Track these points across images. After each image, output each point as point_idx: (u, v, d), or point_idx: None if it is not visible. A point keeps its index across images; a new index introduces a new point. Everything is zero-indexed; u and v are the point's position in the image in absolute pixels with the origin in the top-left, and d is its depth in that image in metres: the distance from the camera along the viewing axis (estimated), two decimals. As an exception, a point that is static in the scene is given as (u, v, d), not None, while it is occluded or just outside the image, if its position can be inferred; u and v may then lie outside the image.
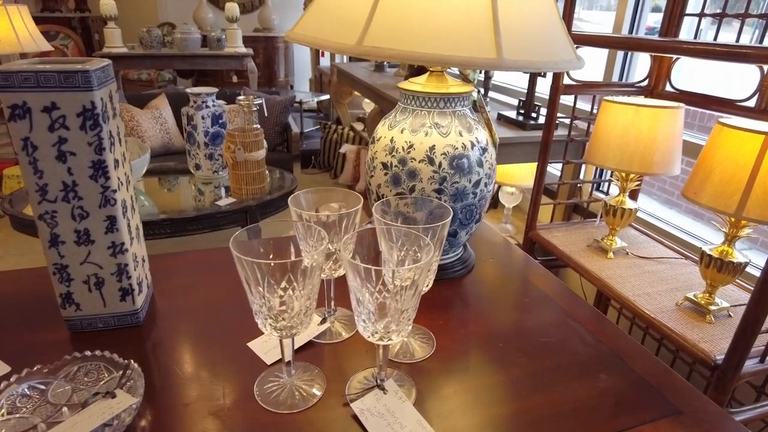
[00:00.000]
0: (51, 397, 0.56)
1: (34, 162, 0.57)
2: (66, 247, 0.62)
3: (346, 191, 0.66)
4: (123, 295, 0.66)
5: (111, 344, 0.62)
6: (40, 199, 0.59)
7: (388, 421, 0.54)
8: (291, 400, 0.56)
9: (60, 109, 0.55)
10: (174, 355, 0.64)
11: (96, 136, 0.57)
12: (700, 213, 2.91)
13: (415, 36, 0.59)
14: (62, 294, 0.64)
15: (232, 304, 0.74)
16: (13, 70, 0.54)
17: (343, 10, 0.63)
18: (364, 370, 0.62)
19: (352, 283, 0.51)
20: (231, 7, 3.45)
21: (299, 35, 0.68)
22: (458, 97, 0.75)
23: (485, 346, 0.68)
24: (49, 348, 0.65)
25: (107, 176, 0.59)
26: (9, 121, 0.55)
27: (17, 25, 2.69)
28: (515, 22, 0.61)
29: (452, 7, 0.60)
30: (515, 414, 0.56)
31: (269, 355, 0.63)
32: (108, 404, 0.53)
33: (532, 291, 0.82)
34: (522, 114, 1.98)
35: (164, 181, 2.60)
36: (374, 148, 0.77)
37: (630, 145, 1.33)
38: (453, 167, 0.72)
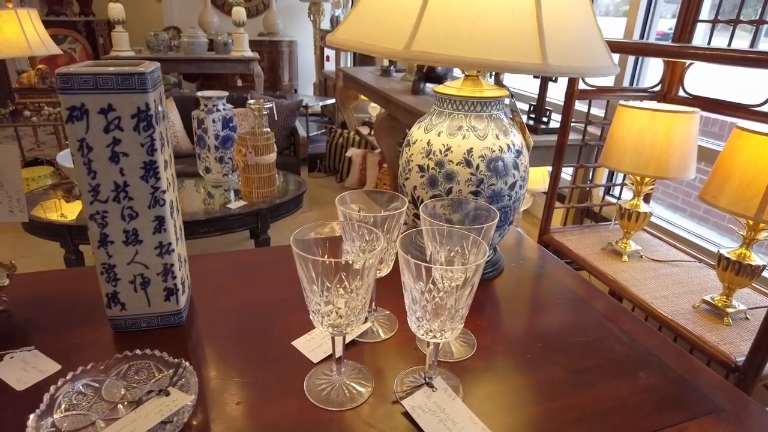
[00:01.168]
0: (105, 395, 0.57)
1: (88, 163, 0.58)
2: (114, 247, 0.62)
3: (392, 193, 0.67)
4: (167, 294, 0.67)
5: (154, 344, 0.63)
6: (92, 199, 0.60)
7: (440, 418, 0.54)
8: (341, 397, 0.57)
9: (116, 110, 0.56)
10: (219, 354, 0.65)
11: (148, 137, 0.58)
12: (705, 217, 2.93)
13: (462, 41, 0.60)
14: (108, 294, 0.65)
15: (270, 305, 0.75)
16: (73, 73, 0.55)
17: (389, 16, 0.64)
18: (408, 368, 0.63)
19: (407, 281, 0.52)
20: (238, 11, 3.47)
21: (342, 40, 0.69)
22: (493, 101, 0.76)
23: (524, 345, 0.69)
24: (94, 347, 0.66)
25: (158, 177, 0.60)
26: (67, 122, 0.56)
27: (27, 29, 2.70)
28: (558, 28, 0.62)
29: (498, 13, 0.61)
30: (562, 411, 0.57)
31: (314, 353, 0.64)
32: (163, 402, 0.54)
33: (563, 292, 0.83)
34: (533, 118, 1.99)
35: (180, 184, 2.61)
36: (410, 151, 0.78)
37: (646, 149, 1.35)
38: (490, 170, 0.73)
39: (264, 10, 5.02)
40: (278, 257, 0.91)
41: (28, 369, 0.61)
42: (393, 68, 3.24)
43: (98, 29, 4.91)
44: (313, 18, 4.48)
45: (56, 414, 0.53)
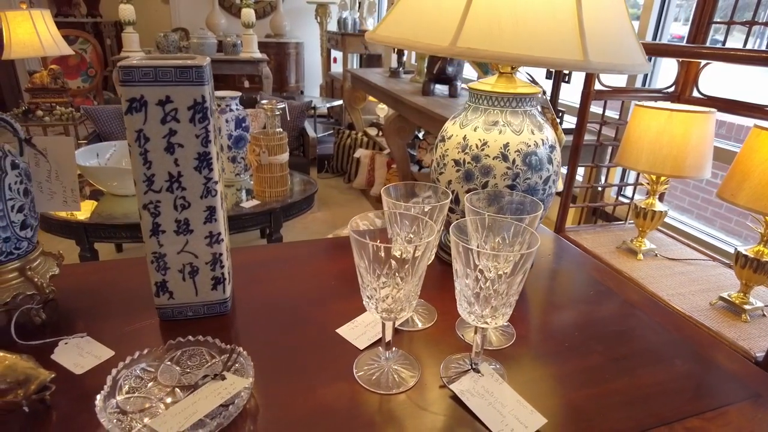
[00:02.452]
0: (161, 379, 0.58)
1: (144, 153, 0.60)
2: (165, 237, 0.64)
3: (433, 185, 0.68)
4: (215, 284, 0.68)
5: (200, 332, 0.64)
6: (146, 189, 0.61)
7: (489, 401, 0.56)
8: (391, 381, 0.59)
9: (173, 102, 0.58)
10: (266, 341, 0.66)
11: (203, 129, 0.60)
12: (711, 219, 2.96)
13: (506, 38, 0.62)
14: (158, 282, 0.67)
15: (310, 295, 0.77)
16: (134, 66, 0.56)
17: (433, 13, 0.66)
18: (451, 355, 0.64)
19: (459, 267, 0.54)
20: (247, 12, 3.49)
21: (384, 37, 0.71)
22: (527, 97, 0.78)
23: (561, 334, 0.71)
24: (142, 335, 0.67)
25: (211, 168, 0.62)
26: (126, 113, 0.58)
27: (40, 30, 2.72)
28: (598, 25, 0.64)
29: (540, 10, 0.63)
30: (604, 395, 0.59)
31: (359, 340, 0.66)
32: (220, 386, 0.55)
33: (594, 284, 0.85)
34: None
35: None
36: (444, 146, 0.80)
37: (663, 148, 1.37)
38: (526, 164, 0.75)
39: (271, 11, 5.05)
40: (308, 251, 0.93)
41: (84, 354, 0.63)
42: (401, 70, 3.27)
43: (106, 31, 4.93)
44: (320, 20, 4.51)
45: (118, 396, 0.54)
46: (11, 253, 0.64)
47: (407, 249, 0.51)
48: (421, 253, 0.52)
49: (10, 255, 0.64)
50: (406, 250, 0.52)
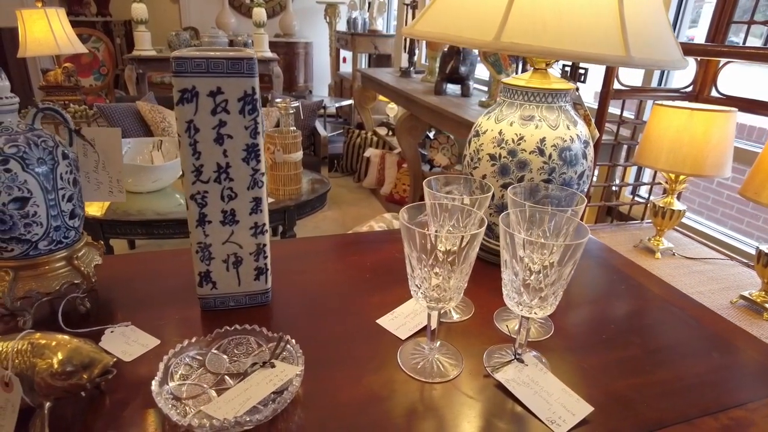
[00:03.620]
0: (209, 367, 0.59)
1: (194, 144, 0.61)
2: (211, 227, 0.65)
3: (470, 178, 0.69)
4: (257, 274, 0.69)
5: (242, 322, 0.65)
6: (194, 179, 0.62)
7: (534, 390, 0.57)
8: (436, 369, 0.60)
9: (224, 93, 0.59)
10: (309, 330, 0.67)
11: (252, 121, 0.61)
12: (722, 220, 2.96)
13: (550, 33, 0.63)
14: (201, 272, 0.67)
15: (346, 287, 0.78)
16: (187, 57, 0.57)
17: (475, 8, 0.67)
18: (493, 345, 0.65)
19: (506, 257, 0.55)
20: (258, 12, 3.51)
21: (425, 32, 0.72)
22: (561, 93, 0.79)
23: (598, 327, 0.71)
24: (185, 324, 0.68)
25: (258, 159, 0.63)
26: (177, 104, 0.59)
27: (55, 28, 2.74)
28: (639, 21, 0.65)
29: (583, 6, 0.64)
30: (645, 386, 0.60)
31: (400, 331, 0.67)
32: (271, 373, 0.56)
33: (624, 279, 0.86)
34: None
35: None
36: (479, 141, 0.81)
37: (683, 147, 1.38)
38: (562, 159, 0.76)
39: (281, 11, 5.07)
40: (337, 244, 0.94)
41: (130, 342, 0.64)
42: (412, 69, 3.28)
43: (115, 30, 4.96)
44: (329, 20, 4.52)
45: (171, 383, 0.55)
46: (60, 242, 0.65)
47: (456, 240, 0.52)
48: (472, 243, 0.53)
49: (59, 244, 0.65)
50: (455, 241, 0.52)
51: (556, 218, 0.62)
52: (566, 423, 0.53)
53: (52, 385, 0.47)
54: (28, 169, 0.59)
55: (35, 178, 0.60)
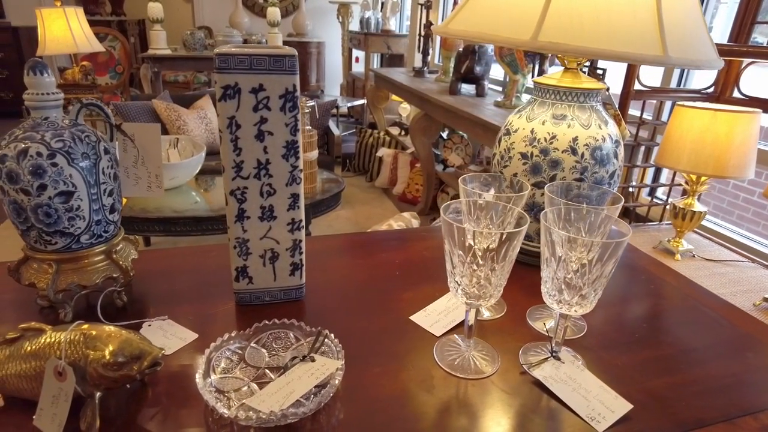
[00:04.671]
0: (249, 361, 0.60)
1: (235, 140, 0.61)
2: (250, 222, 0.66)
3: (500, 175, 0.69)
4: (293, 269, 0.70)
5: (276, 316, 0.65)
6: (234, 175, 0.63)
7: (573, 387, 0.57)
8: (473, 366, 0.60)
9: (266, 90, 0.60)
10: (343, 325, 0.68)
11: (293, 118, 0.62)
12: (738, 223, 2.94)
13: (587, 33, 0.63)
14: (238, 267, 0.68)
15: (377, 283, 0.78)
16: (230, 53, 0.58)
17: (512, 7, 0.67)
18: (528, 343, 0.65)
19: (547, 255, 0.55)
20: (273, 11, 3.53)
21: (459, 31, 0.72)
22: (592, 92, 0.79)
23: (629, 326, 0.72)
24: (221, 319, 0.69)
25: (297, 156, 0.64)
26: (220, 100, 0.60)
27: (74, 27, 2.77)
28: (676, 21, 0.65)
29: (621, 5, 0.64)
30: (681, 385, 0.60)
31: (434, 327, 0.67)
32: (312, 367, 0.57)
33: (652, 279, 0.86)
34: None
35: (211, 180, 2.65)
36: (510, 139, 0.81)
37: (706, 148, 1.37)
38: (594, 158, 0.76)
39: (293, 11, 5.09)
40: (363, 241, 0.95)
41: (168, 336, 0.65)
42: (426, 69, 3.28)
43: (130, 29, 5.00)
44: (342, 19, 4.54)
45: (213, 376, 0.56)
46: (101, 236, 0.66)
47: (496, 237, 0.53)
48: (513, 241, 0.53)
49: (99, 238, 0.66)
50: (495, 238, 0.53)
51: (592, 216, 0.62)
52: (606, 420, 0.53)
53: (104, 375, 0.48)
54: (73, 164, 0.60)
55: (80, 173, 0.61)
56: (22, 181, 0.59)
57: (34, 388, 0.50)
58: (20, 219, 0.61)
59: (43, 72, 0.60)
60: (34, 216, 0.60)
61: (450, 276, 0.57)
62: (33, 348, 0.50)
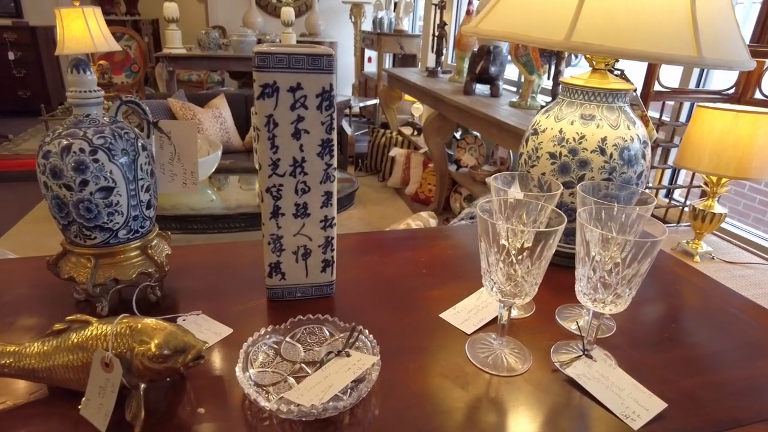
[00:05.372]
0: (285, 355, 0.61)
1: (272, 138, 0.62)
2: (284, 219, 0.67)
3: (527, 174, 0.70)
4: (324, 266, 0.71)
5: (307, 312, 0.66)
6: (271, 173, 0.64)
7: (606, 385, 0.58)
8: (506, 363, 0.61)
9: (303, 89, 0.61)
10: (374, 322, 0.68)
11: (329, 117, 0.63)
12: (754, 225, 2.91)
13: (621, 33, 0.63)
14: (272, 263, 0.69)
15: (405, 281, 0.79)
16: (270, 52, 0.59)
17: (545, 8, 0.68)
18: (559, 341, 0.66)
19: (583, 254, 0.55)
20: (287, 11, 3.55)
21: (490, 31, 0.73)
22: (620, 93, 0.79)
23: (659, 325, 0.72)
24: (252, 314, 0.70)
25: (332, 154, 0.65)
26: (258, 99, 0.61)
27: (92, 26, 2.80)
28: (710, 21, 0.65)
29: (655, 5, 0.64)
30: (714, 385, 0.60)
31: (465, 325, 0.68)
32: (349, 362, 0.57)
33: (678, 279, 0.86)
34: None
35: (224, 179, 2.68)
36: (538, 139, 0.81)
37: (727, 150, 1.36)
38: (622, 159, 0.76)
39: (306, 11, 5.11)
40: (388, 240, 0.95)
41: (203, 331, 0.66)
42: (439, 69, 3.28)
43: (144, 28, 5.04)
44: (355, 19, 4.55)
45: (251, 369, 0.57)
46: (137, 231, 0.67)
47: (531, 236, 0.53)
48: (548, 240, 0.54)
49: (136, 233, 0.67)
50: (530, 236, 0.53)
51: (623, 217, 0.62)
52: (641, 418, 0.54)
53: (150, 367, 0.49)
54: (113, 160, 0.61)
55: (119, 169, 0.62)
56: (65, 177, 0.60)
57: (80, 378, 0.51)
58: (62, 214, 0.62)
59: (86, 70, 0.62)
60: (76, 211, 0.62)
61: (485, 274, 0.58)
62: (79, 339, 0.51)
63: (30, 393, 0.55)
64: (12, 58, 4.54)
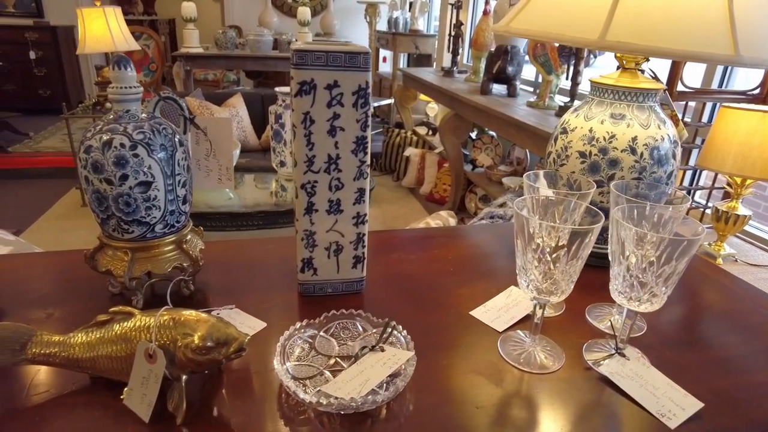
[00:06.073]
0: (319, 349, 0.61)
1: (308, 135, 0.63)
2: (318, 215, 0.67)
3: (556, 173, 0.70)
4: (355, 262, 0.71)
5: (338, 308, 0.66)
6: (306, 169, 0.65)
7: (640, 383, 0.58)
8: (540, 361, 0.61)
9: (340, 86, 0.61)
10: (405, 318, 0.68)
11: (364, 114, 0.63)
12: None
13: (657, 32, 0.63)
14: (304, 259, 0.70)
15: (434, 279, 0.79)
16: (308, 50, 0.60)
17: (579, 6, 0.68)
18: (591, 340, 0.66)
19: (618, 253, 0.55)
20: (303, 11, 3.56)
21: (522, 30, 0.73)
22: (650, 93, 0.79)
23: (690, 325, 0.72)
24: (284, 309, 0.71)
25: (366, 151, 0.65)
26: (295, 96, 0.61)
27: (112, 26, 2.83)
28: (748, 19, 0.65)
29: (691, 3, 0.64)
30: (750, 386, 0.60)
31: (496, 323, 0.68)
32: (384, 356, 0.58)
33: (706, 279, 0.85)
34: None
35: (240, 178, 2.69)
36: (567, 138, 0.81)
37: (753, 150, 1.35)
38: (653, 158, 0.76)
39: (321, 11, 5.13)
40: (413, 238, 0.96)
41: (237, 325, 0.65)
42: (455, 69, 3.28)
43: (161, 28, 5.10)
44: (370, 19, 4.56)
45: (288, 363, 0.58)
46: (173, 225, 0.68)
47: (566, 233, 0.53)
48: (585, 238, 0.54)
49: (171, 228, 0.68)
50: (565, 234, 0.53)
51: (655, 216, 0.62)
52: (677, 417, 0.54)
53: (192, 359, 0.50)
54: (152, 155, 0.62)
55: (158, 164, 0.63)
56: (105, 171, 0.61)
57: (123, 368, 0.52)
58: (101, 207, 0.64)
59: (127, 66, 0.63)
60: (115, 205, 0.63)
61: (520, 272, 0.58)
62: (122, 331, 0.52)
63: (72, 383, 0.56)
64: (33, 57, 4.61)
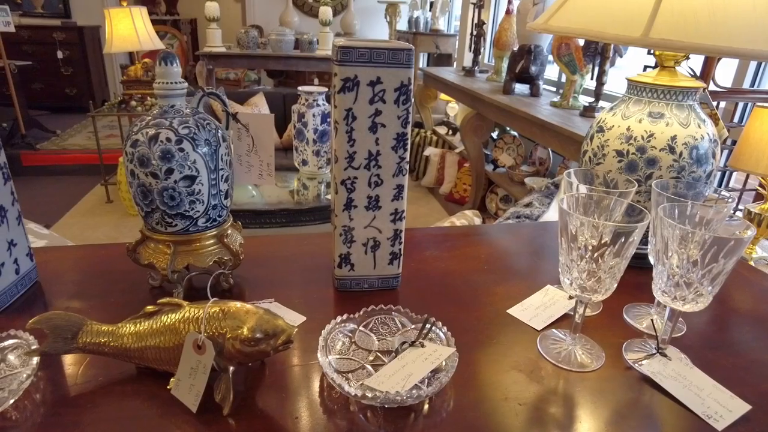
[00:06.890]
0: (359, 343, 0.62)
1: (350, 131, 0.64)
2: (356, 211, 0.68)
3: (592, 172, 0.69)
4: (392, 258, 0.72)
5: (375, 303, 0.67)
6: (346, 165, 0.65)
7: (683, 384, 0.57)
8: (580, 359, 0.61)
9: (382, 83, 0.62)
10: (443, 315, 0.69)
11: (405, 111, 0.64)
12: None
13: (702, 29, 0.62)
14: (342, 254, 0.71)
15: (470, 276, 0.79)
16: (352, 46, 0.60)
17: (621, 2, 0.67)
18: (631, 339, 0.65)
19: (663, 252, 0.55)
20: (325, 11, 3.58)
21: (562, 27, 0.73)
22: (690, 91, 0.78)
23: (732, 326, 0.71)
24: (322, 304, 0.72)
25: (405, 148, 0.66)
26: (338, 92, 0.62)
27: (138, 25, 2.88)
28: (796, 16, 0.64)
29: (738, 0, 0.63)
30: (796, 389, 0.59)
31: (534, 321, 0.68)
32: (425, 351, 0.58)
33: (746, 282, 0.84)
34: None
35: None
36: (604, 137, 0.81)
37: (787, 152, 1.32)
38: (692, 157, 0.75)
39: (342, 10, 5.15)
40: (445, 236, 0.96)
41: (277, 318, 0.67)
42: (477, 69, 3.27)
43: (183, 27, 5.16)
44: (390, 19, 4.56)
45: (330, 356, 0.58)
46: (215, 220, 0.69)
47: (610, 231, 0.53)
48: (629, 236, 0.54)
49: (213, 222, 0.69)
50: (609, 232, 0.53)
51: (697, 217, 0.62)
52: (724, 419, 0.53)
53: (241, 350, 0.51)
54: (197, 150, 0.64)
55: (202, 158, 0.64)
56: (151, 165, 0.62)
57: (171, 359, 0.53)
58: (146, 201, 0.65)
59: (173, 62, 0.64)
60: (160, 198, 0.64)
61: (563, 269, 0.58)
62: (171, 322, 0.53)
63: (119, 372, 0.57)
64: (60, 57, 4.71)
